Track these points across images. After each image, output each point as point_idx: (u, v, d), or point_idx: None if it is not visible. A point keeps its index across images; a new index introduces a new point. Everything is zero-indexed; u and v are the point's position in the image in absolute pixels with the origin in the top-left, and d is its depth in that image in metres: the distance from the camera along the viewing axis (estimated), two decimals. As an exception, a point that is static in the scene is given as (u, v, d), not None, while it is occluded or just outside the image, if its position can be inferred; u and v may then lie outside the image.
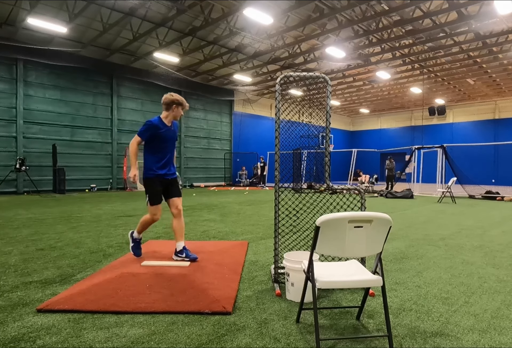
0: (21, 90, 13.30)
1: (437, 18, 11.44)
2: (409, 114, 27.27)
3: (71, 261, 3.81)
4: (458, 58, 15.17)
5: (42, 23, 11.07)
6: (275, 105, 3.21)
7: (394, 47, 14.14)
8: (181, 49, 14.44)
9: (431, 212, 8.71)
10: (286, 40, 13.92)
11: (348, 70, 17.06)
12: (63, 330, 2.21)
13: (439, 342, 2.13)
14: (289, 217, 3.90)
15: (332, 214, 2.00)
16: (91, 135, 15.35)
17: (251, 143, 22.06)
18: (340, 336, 2.22)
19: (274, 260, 3.20)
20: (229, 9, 11.25)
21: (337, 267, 2.38)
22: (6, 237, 5.04)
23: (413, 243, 4.97)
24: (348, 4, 10.61)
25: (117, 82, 16.14)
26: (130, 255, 3.95)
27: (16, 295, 2.80)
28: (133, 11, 11.40)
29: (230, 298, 2.72)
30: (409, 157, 16.91)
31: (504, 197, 12.40)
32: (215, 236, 5.32)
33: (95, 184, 15.20)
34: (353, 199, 3.88)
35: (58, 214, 7.46)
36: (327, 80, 3.21)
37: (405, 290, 3.02)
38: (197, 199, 11.42)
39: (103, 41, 13.69)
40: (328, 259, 3.52)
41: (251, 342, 2.10)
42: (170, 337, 2.15)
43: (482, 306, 2.69)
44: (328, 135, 3.21)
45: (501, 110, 23.08)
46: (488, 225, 6.62)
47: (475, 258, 4.15)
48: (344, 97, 23.46)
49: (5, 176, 12.63)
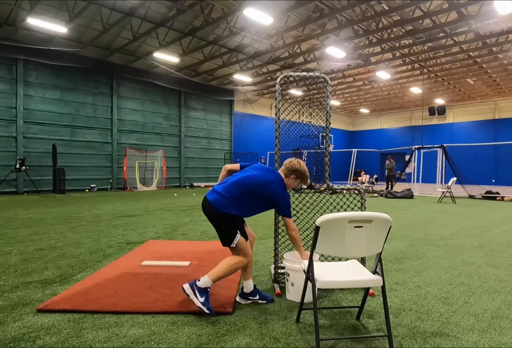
0: (21, 90, 13.29)
1: (437, 18, 11.44)
2: (409, 114, 27.27)
3: (71, 261, 3.81)
4: (458, 58, 15.17)
5: (42, 23, 11.06)
6: (275, 105, 3.21)
7: (394, 47, 14.14)
8: (181, 49, 14.44)
9: (431, 212, 8.71)
10: (286, 40, 13.92)
11: (348, 70, 17.06)
12: (63, 330, 2.21)
13: (439, 342, 2.13)
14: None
15: (332, 214, 2.00)
16: (91, 135, 15.35)
17: (251, 143, 22.06)
18: (340, 336, 2.22)
19: (274, 260, 3.20)
20: (229, 9, 11.25)
21: (337, 267, 2.38)
22: (6, 237, 5.03)
23: (413, 243, 4.96)
24: (348, 4, 10.60)
25: (117, 82, 16.14)
26: (130, 255, 3.94)
27: (16, 295, 2.80)
28: (133, 11, 11.40)
29: (230, 298, 2.72)
30: (409, 157, 16.91)
31: (504, 197, 12.40)
32: (215, 236, 5.30)
33: (95, 184, 15.19)
34: (353, 199, 3.88)
35: (58, 214, 7.46)
36: (327, 80, 3.21)
37: (405, 290, 3.02)
38: (197, 199, 11.42)
39: (103, 41, 13.69)
40: (328, 259, 3.52)
41: (251, 342, 2.10)
42: (170, 337, 2.15)
43: (482, 306, 2.69)
44: (328, 135, 3.21)
45: (501, 110, 23.07)
46: (488, 225, 6.62)
47: (475, 258, 4.15)
48: (344, 97, 23.45)
49: (5, 176, 12.63)
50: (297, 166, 2.79)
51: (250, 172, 2.74)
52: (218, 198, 2.59)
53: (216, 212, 2.56)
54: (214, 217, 2.61)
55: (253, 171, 2.75)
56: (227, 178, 2.78)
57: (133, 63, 15.76)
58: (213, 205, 2.56)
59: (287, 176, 2.80)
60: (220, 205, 2.55)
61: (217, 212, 2.55)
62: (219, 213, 2.55)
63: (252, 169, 2.80)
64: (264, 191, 2.63)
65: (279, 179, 2.74)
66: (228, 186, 2.64)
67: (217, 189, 2.65)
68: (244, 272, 2.77)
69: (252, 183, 2.64)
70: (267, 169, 2.82)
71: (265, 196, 2.64)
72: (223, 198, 2.58)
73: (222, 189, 2.63)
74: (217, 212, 2.55)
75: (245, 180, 2.65)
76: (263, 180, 2.67)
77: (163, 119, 17.93)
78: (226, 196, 2.58)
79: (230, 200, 2.57)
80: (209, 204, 2.59)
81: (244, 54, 14.90)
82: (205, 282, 2.50)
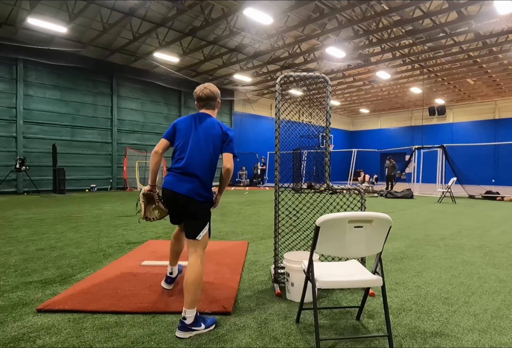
0: (21, 90, 13.29)
1: (437, 18, 11.44)
2: (409, 114, 27.27)
3: (71, 261, 3.81)
4: (458, 58, 15.17)
5: (42, 23, 11.06)
6: (275, 105, 3.21)
7: (394, 47, 14.14)
8: (181, 49, 14.44)
9: (431, 212, 8.71)
10: (286, 40, 13.92)
11: (348, 70, 17.06)
12: (63, 330, 2.21)
13: (439, 342, 2.13)
14: (289, 217, 3.90)
15: (332, 214, 2.00)
16: (91, 135, 15.35)
17: (251, 143, 22.05)
18: (340, 336, 2.22)
19: (274, 260, 3.20)
20: (229, 9, 11.25)
21: (337, 267, 2.38)
22: (6, 237, 5.03)
23: (413, 243, 4.96)
24: (348, 4, 10.60)
25: (117, 82, 16.14)
26: (130, 255, 3.94)
27: (16, 295, 2.80)
28: (133, 11, 11.40)
29: (230, 298, 2.72)
30: (409, 157, 16.91)
31: (504, 197, 12.40)
32: (215, 236, 5.31)
33: (95, 184, 15.19)
34: (353, 199, 3.88)
35: (58, 214, 7.46)
36: (327, 80, 3.21)
37: (405, 290, 3.02)
38: (197, 199, 11.40)
39: (103, 41, 13.69)
40: (328, 259, 3.52)
41: (251, 342, 2.10)
42: (170, 337, 2.15)
43: (482, 306, 2.69)
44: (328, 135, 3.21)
45: (501, 110, 23.07)
46: (488, 225, 6.62)
47: (475, 258, 4.15)
48: (344, 97, 23.45)
49: (5, 176, 12.62)
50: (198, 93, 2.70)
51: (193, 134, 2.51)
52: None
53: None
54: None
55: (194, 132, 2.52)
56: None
57: (133, 63, 15.76)
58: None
59: (211, 106, 2.70)
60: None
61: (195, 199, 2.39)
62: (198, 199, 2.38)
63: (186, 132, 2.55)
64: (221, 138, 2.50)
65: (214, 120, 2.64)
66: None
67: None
68: (176, 258, 2.71)
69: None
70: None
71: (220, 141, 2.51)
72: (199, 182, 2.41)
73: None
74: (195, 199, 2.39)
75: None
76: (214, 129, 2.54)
77: (163, 119, 17.92)
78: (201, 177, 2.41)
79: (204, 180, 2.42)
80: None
81: (244, 54, 14.90)
82: (192, 314, 2.19)
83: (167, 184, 2.45)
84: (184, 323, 2.17)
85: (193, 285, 2.22)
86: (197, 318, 2.22)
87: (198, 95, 2.70)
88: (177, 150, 2.49)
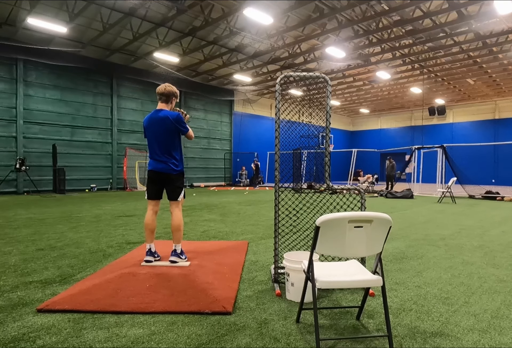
0: (21, 90, 13.30)
1: (437, 18, 11.44)
2: (409, 114, 27.28)
3: (71, 261, 3.81)
4: (458, 58, 15.17)
5: (42, 23, 11.07)
6: (275, 105, 3.21)
7: (394, 47, 14.15)
8: (181, 49, 14.45)
9: (431, 212, 8.71)
10: (286, 40, 13.92)
11: (348, 70, 17.06)
12: (63, 330, 2.21)
13: (439, 342, 2.13)
14: (289, 217, 3.90)
15: (332, 214, 2.00)
16: (91, 135, 15.35)
17: (251, 143, 22.06)
18: (340, 336, 2.22)
19: (274, 260, 3.20)
20: (229, 9, 11.25)
21: (337, 267, 2.38)
22: (6, 237, 5.03)
23: (413, 243, 4.96)
24: (348, 4, 10.61)
25: (117, 82, 16.14)
26: (130, 255, 3.94)
27: (16, 295, 2.80)
28: (133, 11, 11.40)
29: (230, 298, 2.71)
30: (409, 158, 16.91)
31: (504, 197, 12.40)
32: (215, 236, 5.31)
33: (95, 184, 15.19)
34: (353, 199, 3.88)
35: (58, 214, 7.46)
36: (327, 80, 3.21)
37: (405, 290, 3.02)
38: (197, 199, 11.42)
39: (103, 41, 13.70)
40: (328, 259, 3.52)
41: (251, 342, 2.10)
42: (170, 337, 2.15)
43: (482, 306, 2.69)
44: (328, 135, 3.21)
45: (501, 110, 23.08)
46: (488, 225, 6.62)
47: (475, 258, 4.15)
48: (344, 97, 23.46)
49: (5, 176, 12.63)
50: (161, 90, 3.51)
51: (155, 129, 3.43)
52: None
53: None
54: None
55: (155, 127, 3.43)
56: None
57: (133, 63, 15.76)
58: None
59: (168, 101, 3.54)
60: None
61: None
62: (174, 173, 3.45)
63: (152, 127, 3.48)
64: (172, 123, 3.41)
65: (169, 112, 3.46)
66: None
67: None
68: (152, 235, 3.48)
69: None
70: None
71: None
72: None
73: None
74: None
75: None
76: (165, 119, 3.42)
77: (163, 119, 17.90)
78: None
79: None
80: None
81: (244, 54, 14.90)
82: (179, 247, 3.45)
83: (150, 166, 3.50)
84: (176, 252, 3.42)
85: (178, 227, 3.41)
86: (182, 250, 3.49)
87: (161, 91, 3.55)
88: (148, 144, 3.52)
